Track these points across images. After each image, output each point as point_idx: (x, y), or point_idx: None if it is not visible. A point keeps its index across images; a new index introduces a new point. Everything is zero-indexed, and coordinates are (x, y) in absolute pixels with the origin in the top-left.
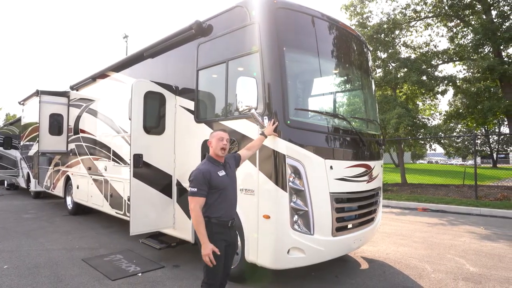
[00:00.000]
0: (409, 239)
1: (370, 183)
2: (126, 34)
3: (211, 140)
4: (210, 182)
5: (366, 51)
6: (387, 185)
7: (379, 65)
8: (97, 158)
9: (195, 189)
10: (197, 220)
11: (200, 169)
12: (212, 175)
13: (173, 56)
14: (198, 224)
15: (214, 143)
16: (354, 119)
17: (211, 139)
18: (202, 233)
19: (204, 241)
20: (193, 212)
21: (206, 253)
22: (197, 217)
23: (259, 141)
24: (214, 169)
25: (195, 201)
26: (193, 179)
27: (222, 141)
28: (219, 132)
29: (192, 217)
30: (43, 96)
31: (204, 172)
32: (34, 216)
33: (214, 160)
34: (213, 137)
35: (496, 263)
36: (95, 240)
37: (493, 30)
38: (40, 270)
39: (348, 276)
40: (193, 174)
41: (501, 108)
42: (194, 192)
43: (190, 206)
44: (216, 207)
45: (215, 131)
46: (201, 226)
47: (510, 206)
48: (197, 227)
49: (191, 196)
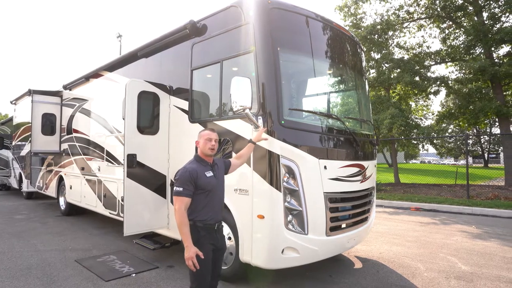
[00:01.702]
0: (402, 238)
1: (363, 183)
2: (120, 34)
3: (198, 140)
4: (197, 182)
5: (360, 51)
6: (381, 184)
7: (372, 65)
8: (90, 158)
9: (180, 188)
10: (181, 221)
11: (187, 168)
12: (199, 174)
13: (167, 56)
14: (182, 226)
15: (202, 143)
16: (348, 119)
17: (199, 139)
18: (186, 234)
19: (187, 244)
20: (178, 213)
21: (189, 257)
22: (181, 217)
23: (248, 149)
24: (201, 169)
25: (180, 201)
26: (178, 178)
27: (211, 142)
28: (207, 132)
29: (176, 218)
30: (36, 96)
31: (191, 171)
32: (26, 217)
33: (202, 160)
34: (201, 137)
35: (487, 261)
36: (88, 241)
37: (484, 31)
38: (32, 272)
39: (342, 276)
40: (179, 173)
41: (492, 108)
42: (180, 191)
43: (175, 207)
44: (202, 209)
45: (203, 131)
46: (185, 227)
47: (501, 205)
48: (180, 229)
49: (176, 196)
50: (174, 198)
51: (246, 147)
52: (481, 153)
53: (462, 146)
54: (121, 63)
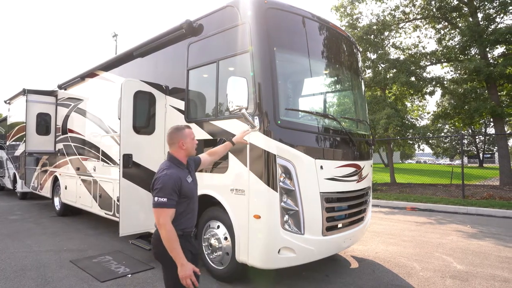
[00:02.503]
0: (398, 238)
1: (360, 182)
2: (115, 33)
3: (184, 140)
4: (181, 190)
5: (356, 52)
6: (377, 184)
7: (368, 66)
8: (86, 158)
9: (164, 199)
10: (170, 237)
11: (169, 174)
12: (182, 182)
13: (163, 56)
14: (172, 242)
15: (189, 143)
16: (344, 119)
17: (184, 139)
18: (178, 251)
19: (182, 262)
20: (165, 228)
21: (187, 275)
22: (170, 233)
23: (224, 147)
24: (182, 175)
25: (165, 214)
26: (161, 187)
27: (195, 140)
28: (190, 130)
29: (163, 234)
30: (30, 95)
31: (175, 179)
32: (21, 218)
33: (180, 163)
34: (187, 136)
35: (482, 260)
36: (84, 242)
37: (479, 32)
38: (26, 273)
39: (338, 275)
40: (161, 180)
41: (487, 109)
42: (164, 203)
43: (159, 220)
44: (183, 218)
45: (184, 129)
46: (176, 243)
47: (496, 204)
48: (171, 245)
49: (159, 207)
50: (158, 211)
51: (223, 146)
52: (476, 153)
53: (457, 146)
54: (117, 63)
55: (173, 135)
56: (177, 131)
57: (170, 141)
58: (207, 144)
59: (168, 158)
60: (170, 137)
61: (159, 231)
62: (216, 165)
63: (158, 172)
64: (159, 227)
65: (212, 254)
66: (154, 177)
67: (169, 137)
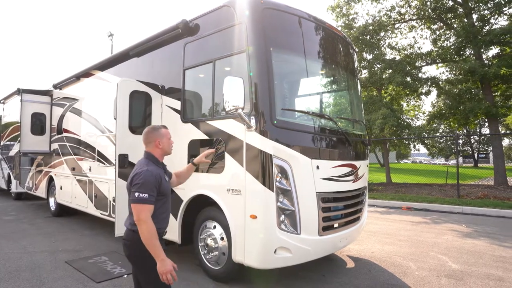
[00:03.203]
0: (394, 237)
1: (356, 182)
2: (111, 32)
3: (161, 140)
4: (160, 187)
5: (352, 52)
6: (373, 184)
7: (364, 66)
8: (81, 159)
9: (145, 194)
10: (150, 233)
11: (151, 171)
12: (162, 179)
13: (159, 55)
14: (152, 237)
15: (166, 142)
16: (340, 119)
17: (160, 138)
18: (158, 246)
19: (162, 257)
20: (146, 224)
21: (168, 270)
22: (151, 228)
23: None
24: (161, 173)
25: (146, 210)
26: (143, 183)
27: (171, 140)
28: (166, 130)
29: (144, 230)
30: (25, 95)
31: (156, 175)
32: (15, 218)
33: (157, 161)
34: (163, 135)
35: (477, 260)
36: (79, 242)
37: (474, 33)
38: (21, 274)
39: (334, 275)
40: (142, 176)
41: (482, 109)
42: (145, 198)
43: (140, 216)
44: (158, 217)
45: (160, 129)
46: (156, 239)
47: (490, 204)
48: (151, 242)
49: (140, 203)
50: (138, 207)
51: (186, 169)
52: (471, 153)
53: (453, 146)
54: (113, 62)
55: (150, 134)
56: (153, 131)
57: (147, 140)
58: (203, 144)
59: (145, 156)
60: (147, 136)
61: (139, 227)
62: (212, 165)
63: (138, 168)
64: (139, 223)
65: (209, 254)
66: (133, 172)
67: (146, 136)
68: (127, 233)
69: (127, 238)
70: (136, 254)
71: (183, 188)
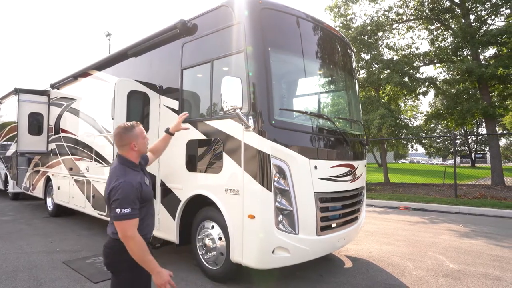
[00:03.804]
0: (391, 237)
1: (353, 182)
2: (109, 32)
3: (135, 142)
4: (141, 195)
5: (350, 52)
6: (370, 184)
7: (362, 66)
8: (79, 159)
9: (127, 209)
10: (142, 249)
11: (129, 181)
12: (142, 187)
13: (157, 55)
14: (144, 252)
15: (141, 143)
16: (338, 119)
17: (135, 140)
18: (151, 260)
19: (158, 269)
20: (133, 241)
21: (166, 281)
22: (140, 244)
23: (163, 141)
24: (140, 178)
25: (131, 225)
26: (123, 197)
27: (146, 138)
28: (140, 128)
29: (134, 247)
30: (22, 95)
31: (136, 185)
32: (12, 218)
33: (134, 166)
34: (137, 136)
35: (474, 259)
36: (77, 242)
37: (472, 33)
38: (18, 274)
39: (332, 275)
40: (120, 189)
41: (479, 109)
42: (128, 214)
43: (127, 234)
44: (142, 224)
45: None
46: (148, 253)
47: (488, 204)
48: (143, 257)
49: (124, 219)
50: (122, 224)
51: (162, 140)
52: (469, 153)
53: (450, 146)
54: (111, 62)
55: (123, 136)
56: (126, 132)
57: (120, 143)
58: (201, 144)
59: (120, 161)
60: (120, 138)
61: (127, 245)
62: (210, 165)
63: (113, 179)
64: (126, 240)
65: (207, 254)
66: (110, 185)
67: (118, 139)
68: (109, 241)
69: (108, 246)
70: (115, 264)
71: (181, 188)
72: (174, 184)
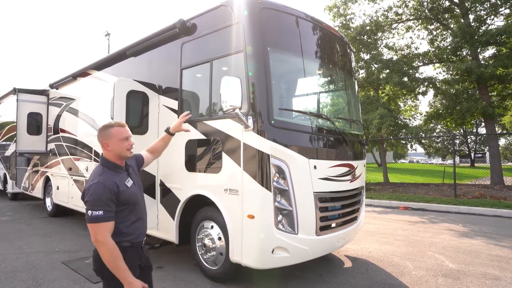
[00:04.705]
0: (391, 237)
1: (353, 182)
2: (108, 32)
3: (107, 141)
4: (119, 197)
5: (349, 52)
6: (370, 184)
7: (362, 66)
8: (78, 158)
9: (99, 212)
10: (113, 255)
11: (102, 182)
12: (119, 187)
13: (156, 55)
14: (116, 259)
15: (116, 143)
16: (338, 119)
17: (107, 140)
18: (123, 268)
19: (129, 280)
20: (105, 245)
21: None
22: (112, 250)
23: (162, 141)
24: (119, 179)
25: (103, 229)
26: (94, 199)
27: (128, 141)
28: (118, 129)
29: (104, 252)
30: (21, 95)
31: (110, 186)
32: (11, 219)
33: (115, 166)
34: (111, 136)
35: (474, 259)
36: (76, 243)
37: (471, 33)
38: (17, 275)
39: (332, 275)
40: (92, 190)
41: (478, 109)
42: (99, 216)
43: (97, 237)
44: (128, 227)
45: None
46: (120, 260)
47: (487, 204)
48: (114, 263)
49: (95, 222)
50: (93, 226)
51: (161, 139)
52: (468, 152)
53: (449, 146)
54: (110, 62)
55: (99, 133)
56: (103, 130)
57: (98, 140)
58: (200, 144)
59: (100, 161)
60: (97, 135)
61: (98, 249)
62: (209, 165)
63: (89, 180)
64: (97, 245)
65: (206, 254)
66: (85, 186)
67: (97, 136)
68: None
69: (96, 251)
70: (102, 271)
71: (181, 188)
72: (173, 184)
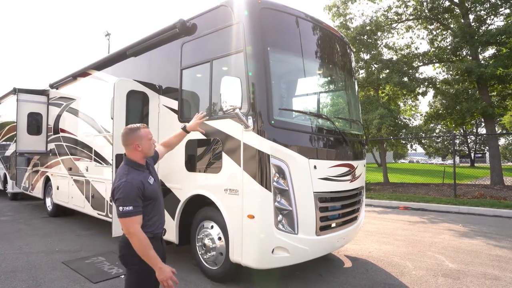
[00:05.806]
0: (391, 237)
1: (353, 182)
2: (108, 32)
3: (138, 143)
4: (144, 193)
5: (349, 52)
6: (370, 184)
7: (362, 66)
8: (78, 159)
9: (129, 207)
10: (144, 245)
11: (130, 181)
12: (144, 185)
13: (156, 55)
14: (145, 248)
15: (146, 144)
16: (338, 119)
17: (139, 141)
18: (153, 256)
19: (160, 265)
20: (137, 237)
21: (168, 277)
22: (142, 240)
23: (178, 137)
24: (143, 178)
25: (134, 222)
26: (124, 196)
27: (151, 140)
28: (146, 130)
29: (136, 243)
30: (21, 95)
31: (138, 184)
32: (11, 219)
33: (139, 166)
34: (142, 137)
35: (474, 259)
36: (76, 243)
37: (471, 33)
38: (17, 275)
39: (332, 275)
40: (122, 188)
41: (478, 109)
42: (130, 211)
43: (129, 230)
44: (150, 220)
45: (139, 130)
46: (151, 249)
47: (487, 204)
48: (146, 252)
49: (126, 217)
50: (125, 221)
51: (177, 135)
52: (468, 152)
53: (449, 146)
54: (110, 62)
55: (128, 136)
56: (131, 132)
57: (125, 143)
58: (200, 144)
59: (125, 161)
60: (125, 138)
61: (131, 240)
62: (209, 165)
63: (117, 179)
64: (130, 236)
65: (206, 254)
66: (113, 185)
67: (124, 139)
68: (122, 235)
69: (122, 241)
70: (127, 258)
71: (181, 188)
72: (173, 184)
